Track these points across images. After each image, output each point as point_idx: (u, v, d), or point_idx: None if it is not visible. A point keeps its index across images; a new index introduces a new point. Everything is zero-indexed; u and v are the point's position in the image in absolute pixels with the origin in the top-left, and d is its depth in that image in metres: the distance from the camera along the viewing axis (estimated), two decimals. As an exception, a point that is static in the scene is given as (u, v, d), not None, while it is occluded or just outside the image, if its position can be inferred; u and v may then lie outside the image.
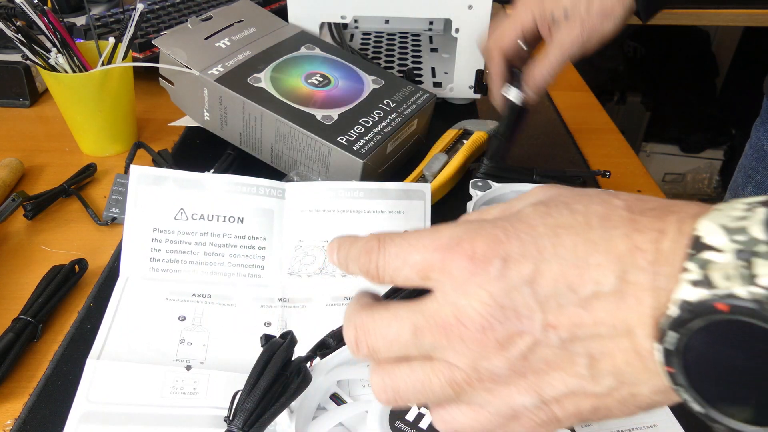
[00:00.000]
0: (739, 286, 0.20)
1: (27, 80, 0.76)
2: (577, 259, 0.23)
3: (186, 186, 0.48)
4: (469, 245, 0.24)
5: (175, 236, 0.48)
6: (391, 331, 0.26)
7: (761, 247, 0.20)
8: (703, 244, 0.21)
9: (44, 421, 0.38)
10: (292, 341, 0.37)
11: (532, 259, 0.23)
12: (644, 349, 0.23)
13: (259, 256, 0.49)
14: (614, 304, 0.23)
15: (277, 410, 0.34)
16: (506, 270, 0.23)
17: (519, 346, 0.24)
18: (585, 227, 0.24)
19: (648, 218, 0.23)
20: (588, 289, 0.23)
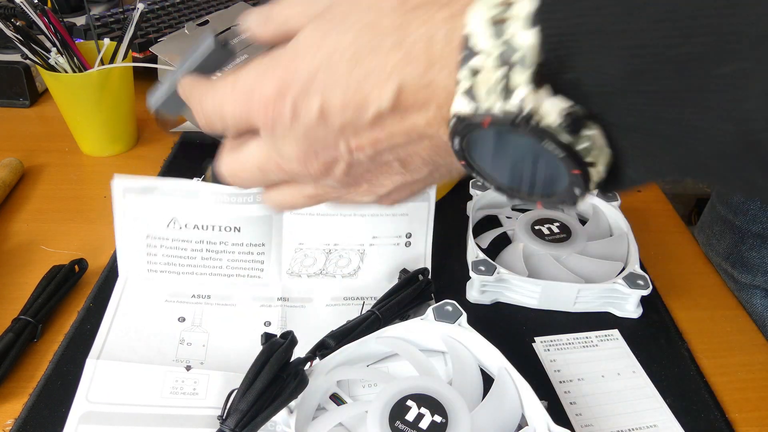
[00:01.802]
0: (497, 101, 0.22)
1: (27, 80, 0.76)
2: (355, 86, 0.24)
3: (176, 195, 0.46)
4: (259, 93, 0.26)
5: (170, 243, 0.47)
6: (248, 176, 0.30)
7: (519, 52, 0.21)
8: (473, 47, 0.22)
9: (44, 421, 0.38)
10: (291, 342, 0.36)
11: (316, 95, 0.25)
12: (444, 144, 0.25)
13: (258, 260, 0.49)
14: (399, 118, 0.25)
15: (271, 413, 0.34)
16: (297, 113, 0.25)
17: (339, 168, 0.27)
18: (356, 48, 0.24)
19: (417, 20, 0.23)
20: (371, 111, 0.24)
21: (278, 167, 0.29)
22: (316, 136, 0.26)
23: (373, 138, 0.26)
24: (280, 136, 0.26)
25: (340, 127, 0.25)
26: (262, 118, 0.26)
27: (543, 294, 0.47)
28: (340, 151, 0.26)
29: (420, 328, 0.42)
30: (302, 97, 0.25)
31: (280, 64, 0.25)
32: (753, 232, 0.61)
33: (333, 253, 0.49)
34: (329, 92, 0.25)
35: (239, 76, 0.27)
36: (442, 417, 0.35)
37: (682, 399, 0.42)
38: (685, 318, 0.49)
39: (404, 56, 0.23)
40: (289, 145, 0.27)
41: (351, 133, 0.26)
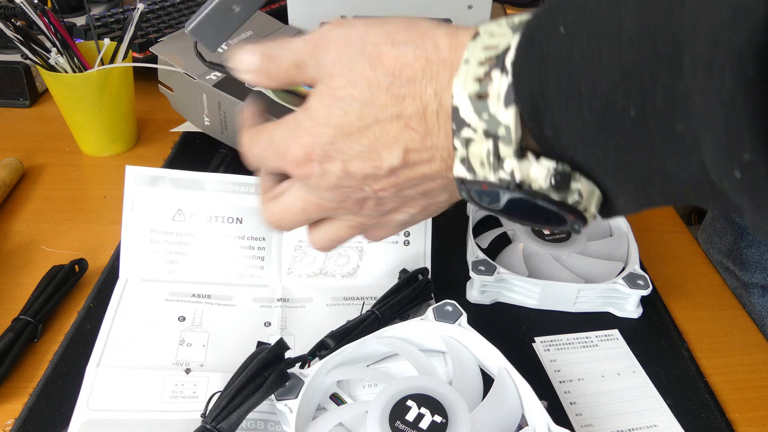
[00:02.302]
0: (491, 173, 0.26)
1: (27, 80, 0.76)
2: (369, 150, 0.29)
3: (183, 186, 0.48)
4: (291, 156, 0.31)
5: (173, 237, 0.48)
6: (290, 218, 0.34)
7: (501, 130, 0.24)
8: (461, 119, 0.25)
9: (44, 421, 0.38)
10: (278, 346, 0.37)
11: (338, 158, 0.30)
12: (450, 182, 0.30)
13: (259, 257, 0.49)
14: (410, 169, 0.29)
15: (249, 407, 0.35)
16: (325, 171, 0.30)
17: (370, 203, 0.32)
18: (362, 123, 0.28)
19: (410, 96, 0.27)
20: (385, 166, 0.29)
21: (319, 207, 0.33)
22: (344, 185, 0.31)
23: (392, 182, 0.30)
24: (315, 186, 0.31)
25: (362, 179, 0.30)
26: (297, 174, 0.31)
27: (543, 294, 0.47)
28: (367, 193, 0.31)
29: (420, 328, 0.42)
30: (326, 161, 0.30)
31: (303, 131, 0.30)
32: None
33: (332, 250, 0.49)
34: (347, 156, 0.29)
35: (275, 133, 0.32)
36: (442, 417, 0.35)
37: (682, 399, 0.42)
38: (685, 318, 0.49)
39: (404, 126, 0.28)
40: (325, 192, 0.31)
41: (372, 181, 0.30)
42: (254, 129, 0.34)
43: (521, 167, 0.24)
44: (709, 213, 0.71)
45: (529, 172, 0.25)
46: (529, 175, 0.25)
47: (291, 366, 0.38)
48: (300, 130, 0.30)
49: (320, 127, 0.29)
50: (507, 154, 0.24)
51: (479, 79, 0.24)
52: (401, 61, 0.28)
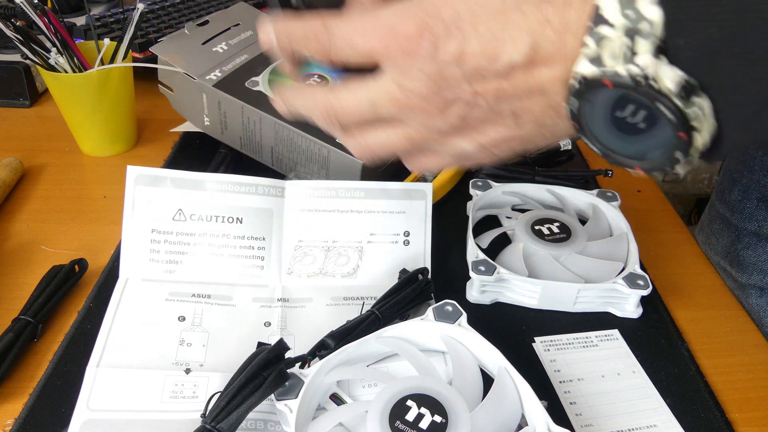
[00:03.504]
0: (621, 65, 0.25)
1: (27, 80, 0.76)
2: (494, 36, 0.27)
3: (184, 186, 0.48)
4: (402, 30, 0.28)
5: (174, 237, 0.48)
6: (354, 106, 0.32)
7: (644, 25, 0.24)
8: (601, 17, 0.25)
9: (44, 421, 0.38)
10: (278, 346, 0.37)
11: (456, 39, 0.27)
12: (557, 105, 0.28)
13: (259, 257, 0.49)
14: (528, 72, 0.27)
15: (248, 407, 0.35)
16: (435, 51, 0.28)
17: (455, 110, 0.30)
18: (499, 3, 0.27)
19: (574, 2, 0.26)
20: (504, 60, 0.27)
21: (394, 101, 0.30)
22: (446, 74, 0.28)
23: (497, 86, 0.28)
24: (411, 69, 0.29)
25: (472, 70, 0.28)
26: (398, 52, 0.29)
27: (543, 294, 0.47)
28: (464, 93, 0.29)
29: (420, 328, 0.42)
30: (443, 38, 0.27)
31: (424, 8, 0.28)
32: (749, 231, 0.61)
33: (332, 250, 0.49)
34: (470, 38, 0.27)
35: (380, 14, 0.29)
36: (442, 417, 0.35)
37: (682, 399, 0.42)
38: (685, 318, 0.49)
39: (543, 18, 0.26)
40: (417, 80, 0.29)
41: (479, 78, 0.28)
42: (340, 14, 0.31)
43: (655, 63, 0.24)
44: (706, 214, 0.71)
45: (659, 71, 0.24)
46: (658, 74, 0.24)
47: (291, 366, 0.38)
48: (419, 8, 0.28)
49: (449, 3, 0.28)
50: (643, 50, 0.24)
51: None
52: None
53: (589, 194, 0.57)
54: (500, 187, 0.58)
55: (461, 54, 0.27)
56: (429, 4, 0.28)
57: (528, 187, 0.58)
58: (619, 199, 0.56)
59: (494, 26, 0.27)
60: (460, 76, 0.28)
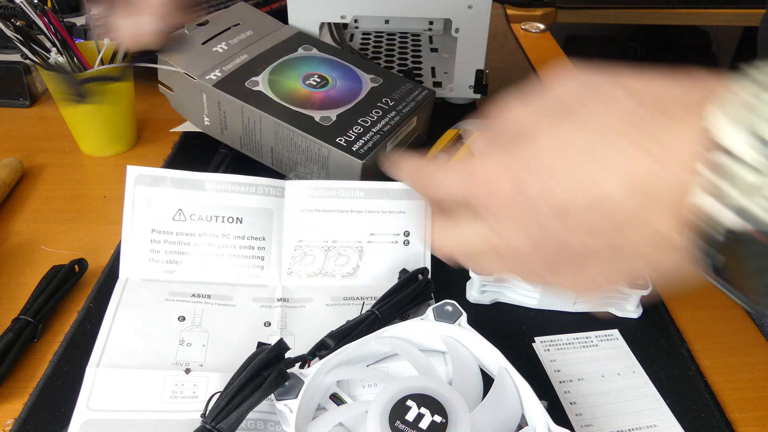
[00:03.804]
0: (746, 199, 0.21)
1: (27, 80, 0.76)
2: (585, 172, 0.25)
3: (184, 186, 0.48)
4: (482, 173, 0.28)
5: (173, 237, 0.48)
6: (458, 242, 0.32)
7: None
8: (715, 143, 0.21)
9: (44, 421, 0.38)
10: (278, 346, 0.37)
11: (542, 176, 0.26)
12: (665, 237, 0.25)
13: (259, 257, 0.49)
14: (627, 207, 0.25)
15: (248, 407, 0.35)
16: (518, 190, 0.27)
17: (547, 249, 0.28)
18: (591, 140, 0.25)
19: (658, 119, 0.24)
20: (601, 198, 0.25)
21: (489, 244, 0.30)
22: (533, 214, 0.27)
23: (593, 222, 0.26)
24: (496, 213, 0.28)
25: (563, 209, 0.26)
26: (481, 193, 0.29)
27: (543, 294, 0.47)
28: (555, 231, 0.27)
29: (420, 328, 0.42)
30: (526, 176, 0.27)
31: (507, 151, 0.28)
32: None
33: (332, 250, 0.49)
34: (558, 176, 0.26)
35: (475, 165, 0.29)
36: (442, 417, 0.35)
37: (682, 399, 0.42)
38: (685, 318, 0.49)
39: (642, 151, 0.24)
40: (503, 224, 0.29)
41: (572, 216, 0.26)
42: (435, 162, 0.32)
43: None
44: None
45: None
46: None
47: (291, 366, 0.38)
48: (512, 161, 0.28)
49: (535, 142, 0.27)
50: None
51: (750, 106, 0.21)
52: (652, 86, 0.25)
53: None
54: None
55: (548, 191, 0.26)
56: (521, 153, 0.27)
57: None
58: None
59: (586, 163, 0.25)
60: (549, 214, 0.27)
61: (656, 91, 0.25)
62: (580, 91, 0.27)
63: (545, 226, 0.27)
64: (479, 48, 0.72)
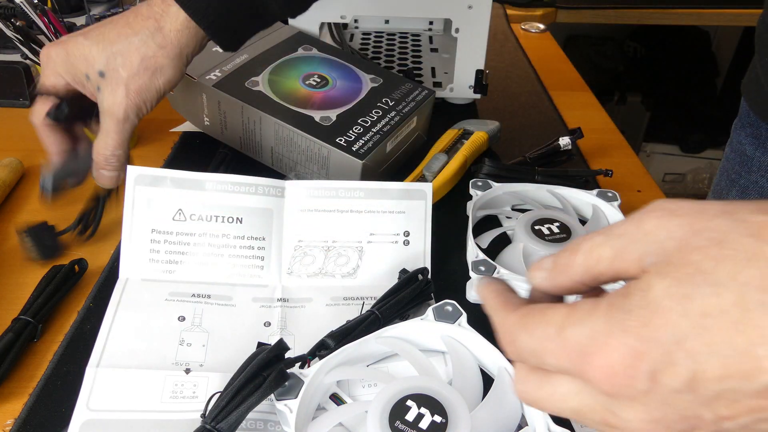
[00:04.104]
0: None
1: (27, 80, 0.76)
2: (741, 353, 0.20)
3: (184, 186, 0.48)
4: (602, 361, 0.22)
5: (173, 237, 0.48)
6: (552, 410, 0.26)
7: None
8: None
9: (44, 421, 0.38)
10: (278, 346, 0.37)
11: (685, 364, 0.21)
12: None
13: (259, 257, 0.49)
14: None
15: (248, 407, 0.35)
16: (656, 383, 0.21)
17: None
18: (740, 310, 0.20)
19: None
20: (763, 380, 0.20)
21: (605, 422, 0.24)
22: (676, 405, 0.22)
23: (755, 406, 0.21)
24: (622, 401, 0.23)
25: (714, 397, 0.21)
26: (602, 384, 0.22)
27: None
28: (704, 421, 0.22)
29: (420, 328, 0.42)
30: (665, 367, 0.21)
31: (629, 329, 0.22)
32: None
33: (332, 250, 0.49)
34: (705, 361, 0.21)
35: (568, 324, 0.23)
36: (442, 417, 0.35)
37: (682, 399, 0.41)
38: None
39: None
40: (633, 411, 0.23)
41: (726, 402, 0.21)
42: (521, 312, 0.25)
43: None
44: None
45: None
46: None
47: (291, 366, 0.38)
48: (625, 321, 0.22)
49: (666, 316, 0.21)
50: None
51: None
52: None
53: (589, 194, 0.57)
54: (500, 187, 0.58)
55: (695, 380, 0.21)
56: (633, 320, 0.22)
57: (528, 186, 0.58)
58: (619, 199, 0.56)
59: (739, 340, 0.20)
60: (696, 404, 0.22)
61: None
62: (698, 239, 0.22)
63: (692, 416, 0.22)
64: (479, 48, 0.72)
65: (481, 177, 0.59)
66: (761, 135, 0.65)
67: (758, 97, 0.65)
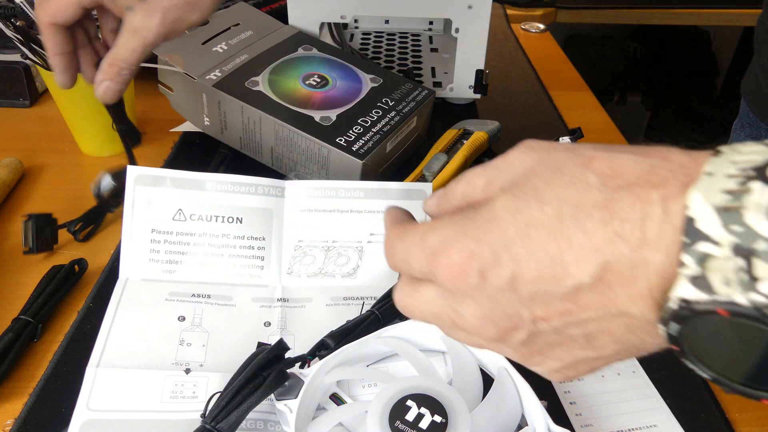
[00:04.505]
0: (739, 293, 0.20)
1: (27, 80, 0.76)
2: (553, 259, 0.23)
3: (184, 186, 0.48)
4: (446, 259, 0.25)
5: (173, 237, 0.48)
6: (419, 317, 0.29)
7: (760, 244, 0.20)
8: (698, 232, 0.21)
9: (44, 421, 0.38)
10: (278, 346, 0.37)
11: (508, 265, 0.24)
12: (645, 323, 0.23)
13: (259, 257, 0.49)
14: (599, 293, 0.23)
15: (248, 407, 0.35)
16: (484, 280, 0.25)
17: (517, 337, 0.26)
18: (556, 222, 0.23)
19: (628, 199, 0.23)
20: (568, 284, 0.23)
21: (452, 322, 0.27)
22: (500, 302, 0.25)
23: (563, 309, 0.24)
24: (460, 297, 0.26)
25: (530, 297, 0.24)
26: (445, 280, 0.26)
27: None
28: (522, 320, 0.25)
29: (420, 328, 0.42)
30: (492, 266, 0.24)
31: (469, 233, 0.25)
32: None
33: (332, 250, 0.49)
34: (524, 263, 0.24)
35: (428, 232, 0.27)
36: (442, 417, 0.35)
37: (682, 399, 0.42)
38: (685, 318, 0.49)
39: (612, 234, 0.22)
40: (469, 308, 0.26)
41: (540, 303, 0.25)
42: (402, 226, 0.29)
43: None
44: None
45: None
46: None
47: (291, 366, 0.38)
48: (465, 231, 0.25)
49: (499, 224, 0.24)
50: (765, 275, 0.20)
51: (729, 191, 0.21)
52: (619, 163, 0.24)
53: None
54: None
55: (514, 280, 0.24)
56: (475, 225, 0.25)
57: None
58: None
59: (552, 248, 0.23)
60: (515, 302, 0.25)
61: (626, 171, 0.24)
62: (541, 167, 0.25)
63: (513, 313, 0.25)
64: (479, 48, 0.72)
65: (481, 177, 0.59)
66: (761, 135, 0.65)
67: (757, 98, 0.65)
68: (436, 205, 0.31)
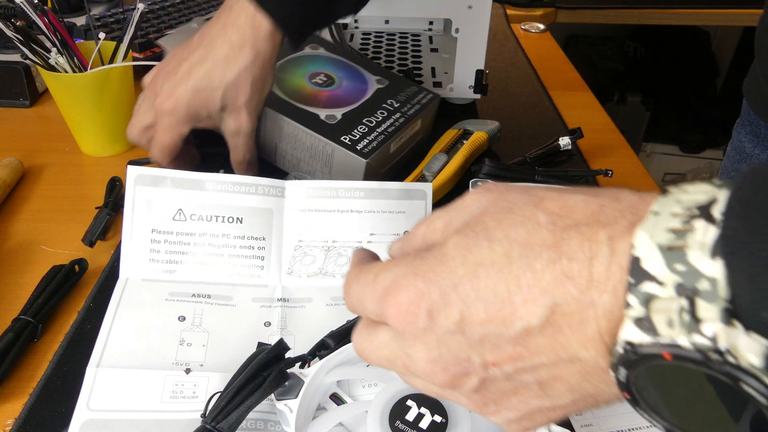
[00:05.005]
0: (683, 335, 0.19)
1: (27, 80, 0.76)
2: (501, 300, 0.23)
3: (184, 186, 0.48)
4: (394, 299, 0.25)
5: (174, 237, 0.48)
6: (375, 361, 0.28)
7: (703, 284, 0.19)
8: (643, 272, 0.20)
9: (44, 421, 0.38)
10: (278, 346, 0.37)
11: (456, 306, 0.23)
12: (597, 370, 0.23)
13: (259, 257, 0.49)
14: (549, 336, 0.23)
15: (248, 407, 0.35)
16: (433, 322, 0.24)
17: (469, 384, 0.25)
18: (505, 262, 0.23)
19: (576, 238, 0.22)
20: (518, 326, 0.23)
21: (405, 367, 0.27)
22: (450, 346, 0.24)
23: (514, 354, 0.23)
24: (410, 339, 0.25)
25: (479, 340, 0.24)
26: (395, 321, 0.25)
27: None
28: (473, 365, 0.24)
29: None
30: (441, 307, 0.24)
31: (419, 273, 0.24)
32: None
33: (332, 250, 0.49)
34: (472, 304, 0.23)
35: (381, 271, 0.26)
36: (442, 417, 0.35)
37: (682, 399, 0.41)
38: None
39: (560, 274, 0.22)
40: (419, 351, 0.25)
41: (490, 347, 0.24)
42: (360, 267, 0.28)
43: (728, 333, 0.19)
44: None
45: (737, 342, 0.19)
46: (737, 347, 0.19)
47: (291, 366, 0.38)
48: (415, 270, 0.25)
49: (449, 264, 0.24)
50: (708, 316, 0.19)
51: (674, 230, 0.20)
52: (569, 203, 0.24)
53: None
54: (500, 187, 0.58)
55: (463, 321, 0.23)
56: (425, 265, 0.25)
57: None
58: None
59: (501, 288, 0.23)
60: (465, 346, 0.24)
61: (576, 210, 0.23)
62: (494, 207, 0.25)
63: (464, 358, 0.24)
64: (479, 48, 0.72)
65: (481, 177, 0.59)
66: (760, 133, 0.65)
67: (758, 98, 0.65)
68: (398, 248, 0.30)
